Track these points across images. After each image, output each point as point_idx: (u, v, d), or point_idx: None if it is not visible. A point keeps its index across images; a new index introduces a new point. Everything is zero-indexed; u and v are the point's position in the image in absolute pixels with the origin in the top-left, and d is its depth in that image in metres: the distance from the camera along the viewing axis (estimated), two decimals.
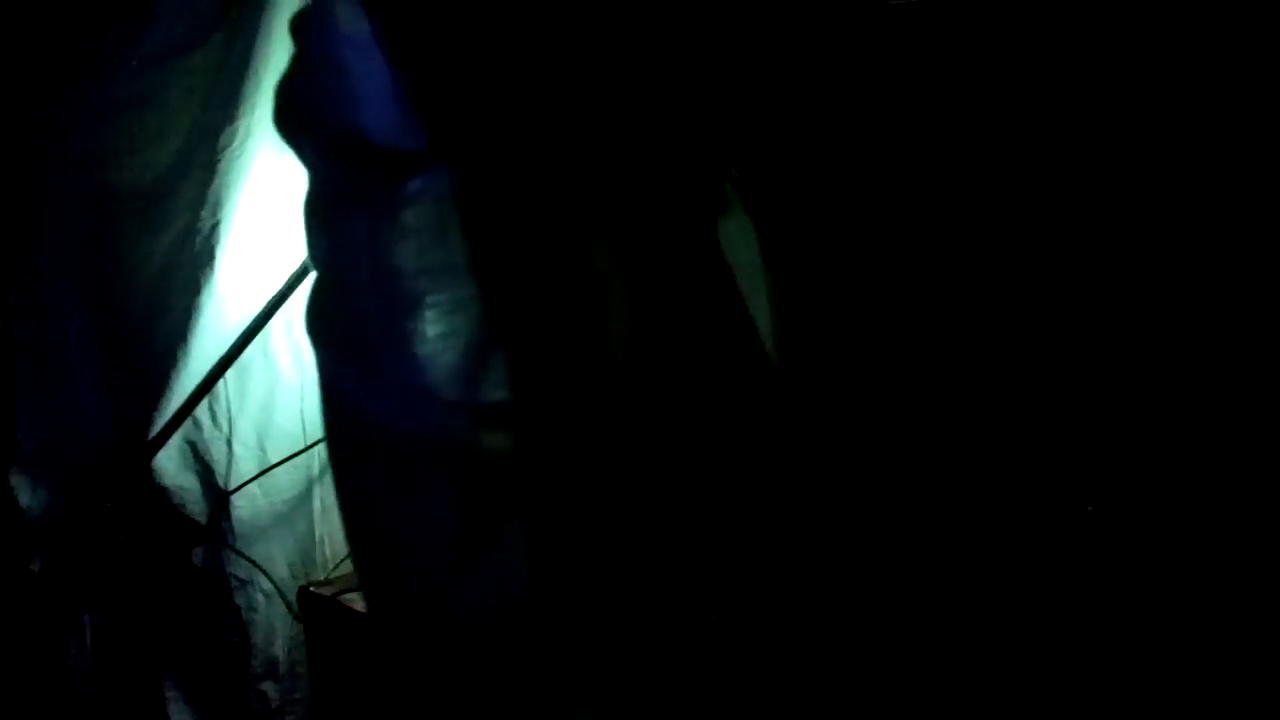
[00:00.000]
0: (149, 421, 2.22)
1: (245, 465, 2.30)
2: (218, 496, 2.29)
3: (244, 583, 2.29)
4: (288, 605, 2.32)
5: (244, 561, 2.29)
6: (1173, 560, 1.63)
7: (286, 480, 2.33)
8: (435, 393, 1.63)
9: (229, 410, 2.29)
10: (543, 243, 1.66)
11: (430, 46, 1.70)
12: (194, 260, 2.25)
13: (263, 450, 2.31)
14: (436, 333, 1.64)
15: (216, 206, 2.25)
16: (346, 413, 1.72)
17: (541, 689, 1.73)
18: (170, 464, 2.27)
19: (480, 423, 1.64)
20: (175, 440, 2.23)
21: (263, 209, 2.28)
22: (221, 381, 2.23)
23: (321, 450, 2.34)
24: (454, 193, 1.66)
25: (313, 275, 2.18)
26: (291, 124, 1.76)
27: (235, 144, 2.24)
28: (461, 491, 1.68)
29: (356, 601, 2.19)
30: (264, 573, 2.30)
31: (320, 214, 1.73)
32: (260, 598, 2.30)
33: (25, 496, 2.27)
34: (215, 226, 2.25)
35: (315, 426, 2.34)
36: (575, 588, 1.67)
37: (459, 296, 1.64)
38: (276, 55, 2.23)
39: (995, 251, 1.75)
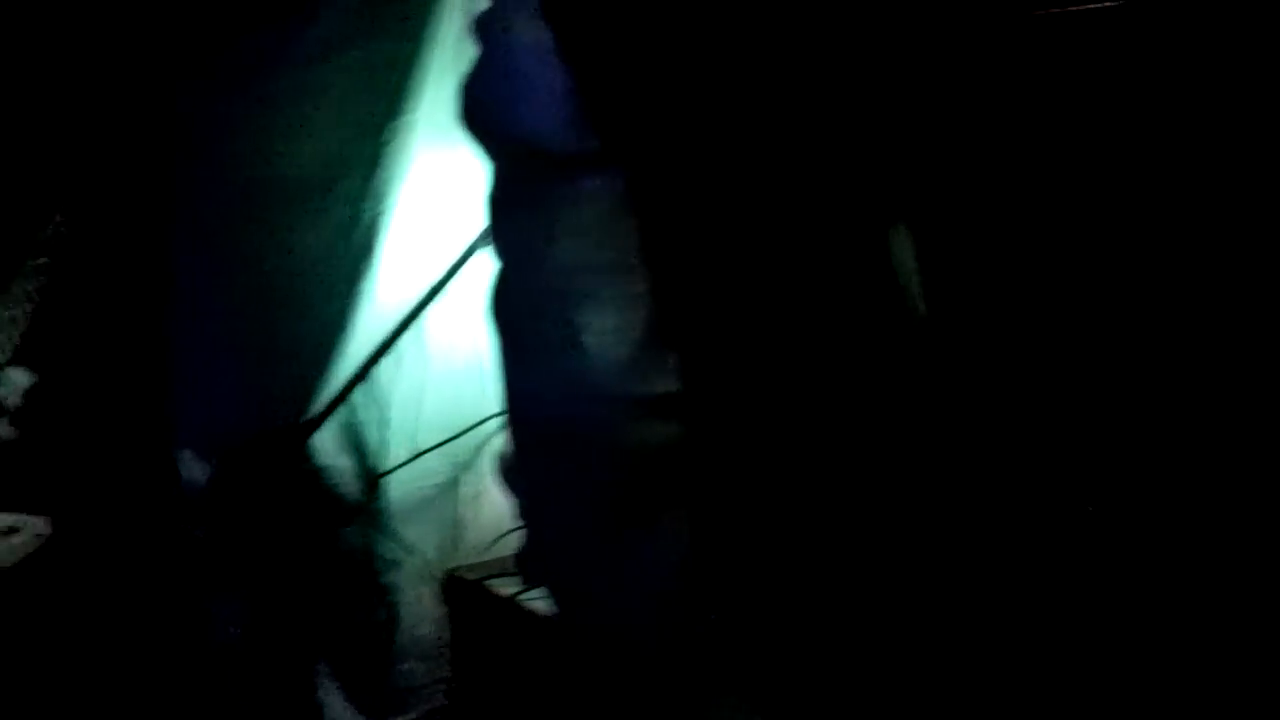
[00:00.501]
0: (307, 403, 2.31)
1: (397, 449, 2.38)
2: (370, 478, 2.37)
3: (392, 563, 2.37)
4: (435, 587, 2.39)
5: (392, 542, 2.37)
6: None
7: (436, 466, 2.40)
8: (606, 384, 1.69)
9: (384, 395, 2.36)
10: (714, 241, 1.70)
11: (605, 52, 1.76)
12: (354, 250, 2.33)
13: (415, 435, 2.39)
14: (609, 326, 1.70)
15: (378, 198, 2.32)
16: (519, 400, 1.78)
17: (692, 676, 1.77)
18: (327, 445, 2.35)
19: (648, 414, 1.69)
20: (332, 422, 2.31)
21: (423, 202, 2.36)
22: (377, 367, 2.30)
23: (469, 438, 2.42)
24: (627, 192, 1.72)
25: (474, 267, 2.26)
26: (473, 124, 1.83)
27: (399, 139, 2.32)
28: (624, 480, 1.74)
29: (501, 587, 2.25)
30: (413, 553, 2.37)
31: (501, 209, 1.80)
32: (408, 579, 2.38)
33: (188, 468, 2.36)
34: (376, 218, 2.32)
35: (464, 415, 2.41)
36: (731, 576, 1.72)
37: (631, 292, 1.70)
38: (441, 53, 2.31)
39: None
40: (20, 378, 1.63)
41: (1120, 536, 1.67)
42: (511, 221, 1.79)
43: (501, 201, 1.80)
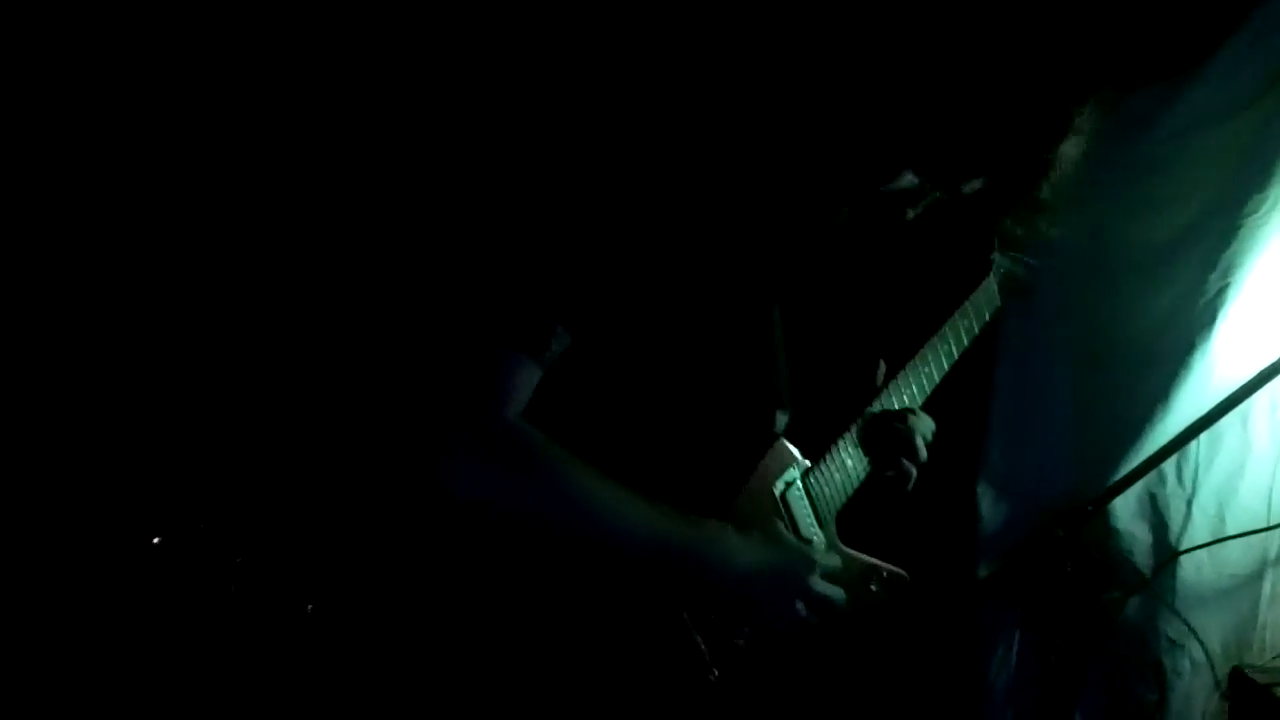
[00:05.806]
0: (1114, 464, 2.29)
1: (1199, 529, 2.29)
2: (1166, 553, 2.30)
3: (1174, 644, 2.29)
4: (1215, 680, 2.27)
5: (1178, 623, 2.28)
6: None
7: (1239, 555, 2.28)
8: None
9: (1195, 471, 2.29)
10: None
11: None
12: (1192, 321, 2.28)
13: (1221, 519, 2.29)
14: None
15: (1227, 271, 2.26)
16: None
17: None
18: (1126, 510, 2.32)
19: None
20: (1136, 489, 2.27)
21: (1271, 284, 2.25)
22: (1194, 443, 2.23)
23: None
24: None
25: None
26: None
27: (1260, 213, 2.23)
28: None
29: None
30: (1199, 640, 2.27)
31: None
32: (1187, 664, 2.28)
33: (986, 506, 2.45)
34: (1222, 290, 2.26)
35: None
36: None
37: None
38: None
39: None
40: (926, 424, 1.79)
41: None
42: None
43: None
